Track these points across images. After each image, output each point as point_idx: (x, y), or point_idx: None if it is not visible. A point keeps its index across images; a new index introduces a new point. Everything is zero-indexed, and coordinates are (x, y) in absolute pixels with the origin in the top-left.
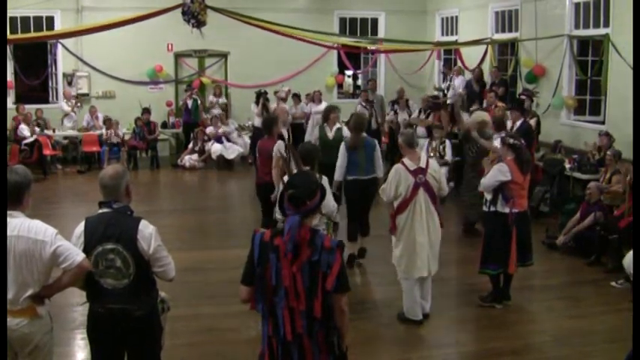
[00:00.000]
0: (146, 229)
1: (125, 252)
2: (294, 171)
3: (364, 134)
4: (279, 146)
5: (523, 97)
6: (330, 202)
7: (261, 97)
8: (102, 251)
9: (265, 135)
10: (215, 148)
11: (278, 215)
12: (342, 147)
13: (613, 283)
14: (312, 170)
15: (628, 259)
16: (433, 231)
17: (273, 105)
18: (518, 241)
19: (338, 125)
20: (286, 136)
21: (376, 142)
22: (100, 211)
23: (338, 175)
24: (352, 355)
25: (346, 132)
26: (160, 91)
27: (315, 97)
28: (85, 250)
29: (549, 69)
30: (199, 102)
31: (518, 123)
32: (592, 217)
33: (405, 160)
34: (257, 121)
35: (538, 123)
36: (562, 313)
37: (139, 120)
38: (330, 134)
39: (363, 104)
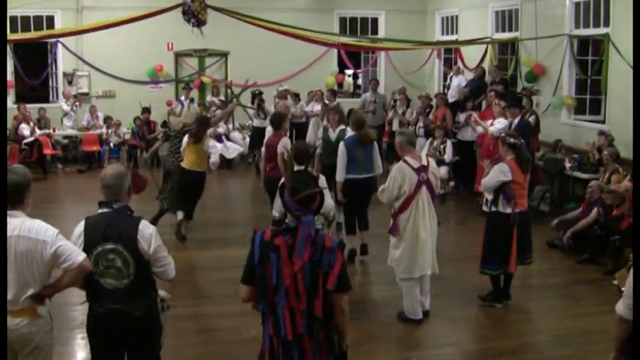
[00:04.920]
0: (146, 230)
1: (125, 252)
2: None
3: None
4: (284, 143)
5: (521, 95)
6: (327, 201)
7: (256, 97)
8: (102, 251)
9: (272, 130)
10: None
11: (276, 213)
12: (342, 146)
13: None
14: (306, 169)
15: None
16: (433, 230)
17: (271, 105)
18: (518, 241)
19: (342, 127)
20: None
21: (374, 141)
22: (100, 211)
23: (340, 176)
24: (352, 354)
25: (349, 133)
26: (160, 90)
27: (316, 97)
28: (85, 250)
29: (549, 68)
30: (196, 102)
31: (516, 121)
32: (596, 212)
33: (408, 158)
34: (255, 122)
35: (537, 121)
36: (562, 313)
37: (138, 119)
38: (333, 135)
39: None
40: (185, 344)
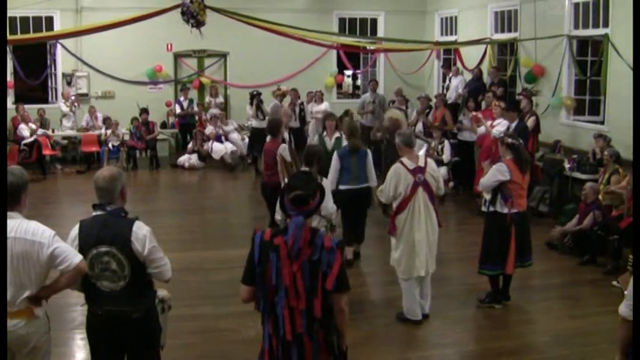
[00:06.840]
0: (140, 231)
1: (120, 254)
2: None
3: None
4: (282, 150)
5: (520, 97)
6: (329, 204)
7: (254, 98)
8: (97, 254)
9: (270, 137)
10: (216, 148)
11: (278, 216)
12: (335, 155)
13: None
14: (312, 171)
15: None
16: (431, 230)
17: (269, 105)
18: (517, 242)
19: (337, 134)
20: (287, 139)
21: (368, 150)
22: (94, 213)
23: (330, 185)
24: (352, 354)
25: (345, 142)
26: (160, 91)
27: (316, 97)
28: (79, 253)
29: (548, 69)
30: (195, 103)
31: (514, 124)
32: (591, 217)
33: (404, 159)
34: (254, 122)
35: (537, 122)
36: (561, 313)
37: (136, 120)
38: (330, 144)
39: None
40: (185, 344)
